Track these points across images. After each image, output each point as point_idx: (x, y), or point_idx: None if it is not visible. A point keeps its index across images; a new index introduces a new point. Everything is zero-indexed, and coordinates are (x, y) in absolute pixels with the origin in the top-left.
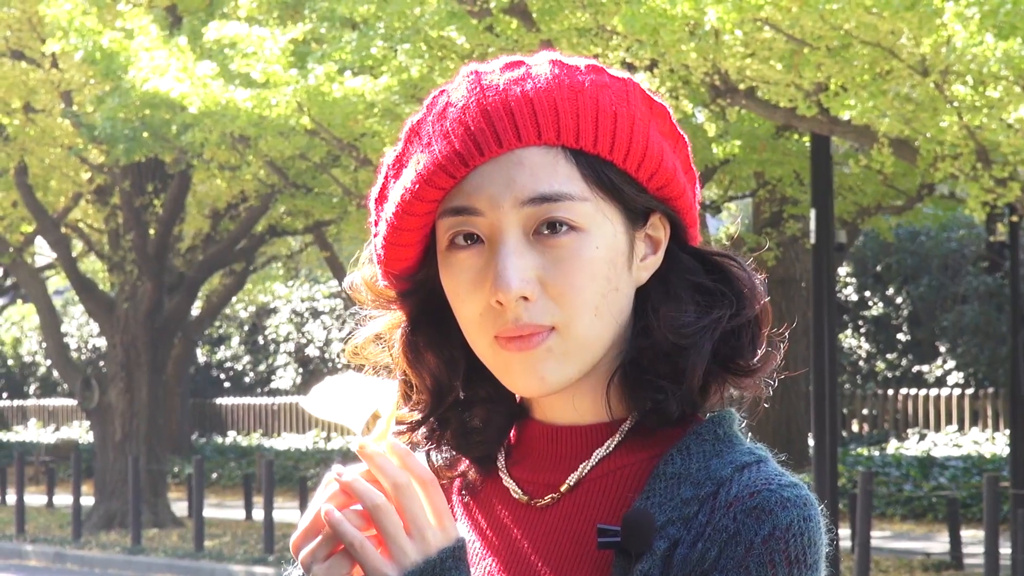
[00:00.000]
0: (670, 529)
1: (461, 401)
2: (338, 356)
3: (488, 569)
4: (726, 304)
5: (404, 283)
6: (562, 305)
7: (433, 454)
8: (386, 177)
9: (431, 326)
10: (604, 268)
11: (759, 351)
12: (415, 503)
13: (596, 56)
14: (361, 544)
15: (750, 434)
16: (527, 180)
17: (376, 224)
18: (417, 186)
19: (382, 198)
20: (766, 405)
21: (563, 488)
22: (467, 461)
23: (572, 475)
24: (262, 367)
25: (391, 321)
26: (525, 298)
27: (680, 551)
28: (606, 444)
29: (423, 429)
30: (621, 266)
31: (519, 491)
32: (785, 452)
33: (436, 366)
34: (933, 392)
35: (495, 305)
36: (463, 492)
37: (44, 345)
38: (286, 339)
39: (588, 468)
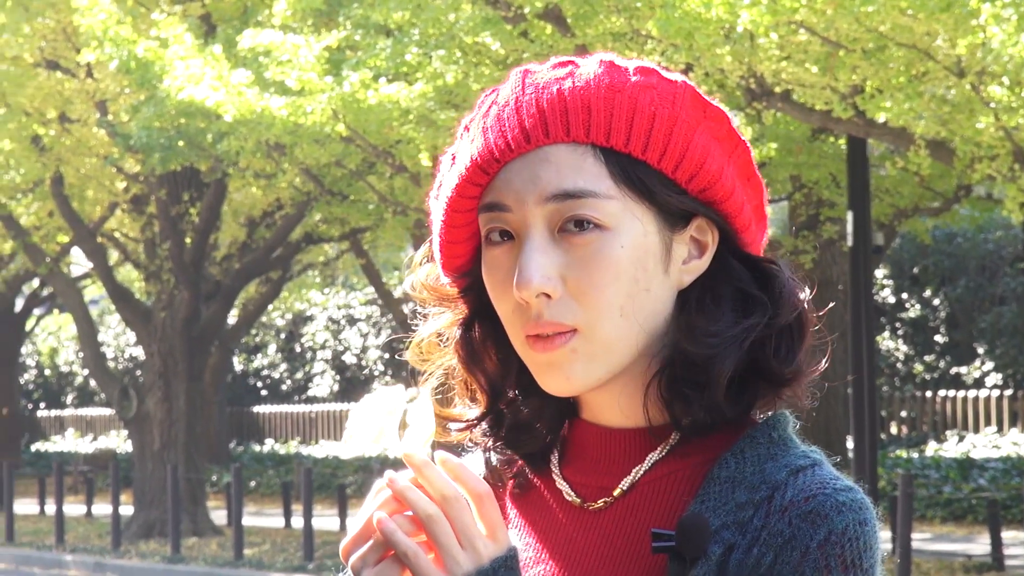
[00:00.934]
0: (725, 534)
1: (515, 399)
2: (375, 363)
3: (545, 572)
4: (762, 312)
5: (460, 280)
6: (584, 304)
7: (492, 454)
8: (441, 175)
9: (486, 323)
10: (630, 268)
11: (795, 359)
12: (465, 515)
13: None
14: (415, 553)
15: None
16: (552, 176)
17: (432, 222)
18: (459, 183)
19: (437, 196)
20: (808, 409)
21: (616, 492)
22: (521, 461)
23: (625, 479)
24: (299, 375)
25: (450, 319)
26: (548, 296)
27: (735, 556)
28: (659, 448)
29: (481, 427)
30: (653, 267)
31: (572, 493)
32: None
33: (491, 364)
34: (972, 394)
35: (521, 302)
36: (517, 492)
37: (81, 355)
38: (323, 346)
39: (641, 472)
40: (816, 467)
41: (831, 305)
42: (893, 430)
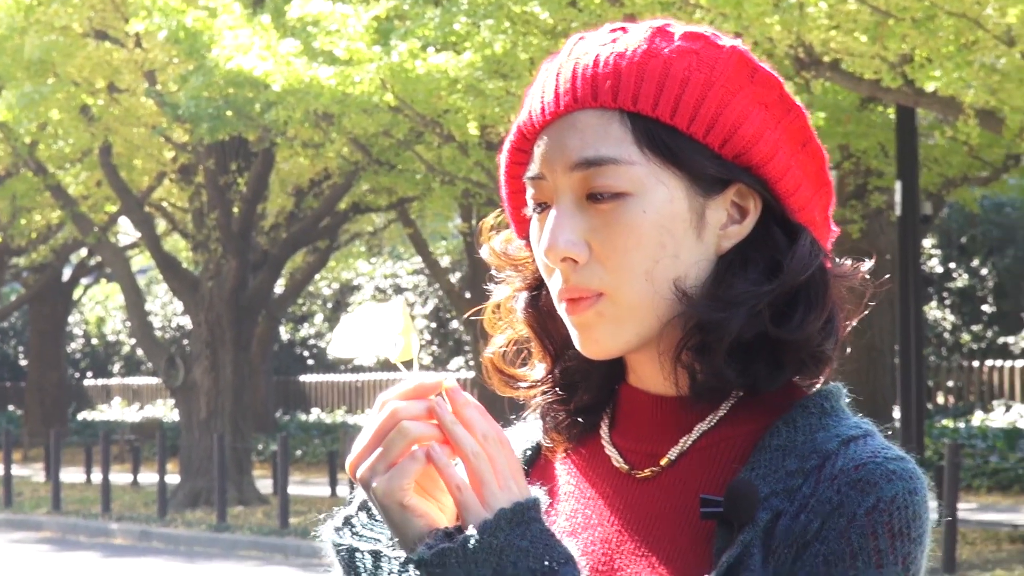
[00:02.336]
0: (774, 501)
1: (570, 362)
2: (422, 332)
3: (591, 538)
4: (782, 280)
5: (529, 245)
6: (609, 269)
7: (548, 418)
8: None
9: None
10: (655, 233)
11: (804, 328)
12: (502, 454)
13: None
14: (465, 487)
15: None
16: (576, 143)
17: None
18: (509, 151)
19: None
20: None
21: (663, 462)
22: (573, 426)
23: (673, 449)
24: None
25: (520, 284)
26: (575, 261)
27: (783, 522)
28: (708, 418)
29: (542, 388)
30: (682, 233)
31: (620, 460)
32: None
33: (553, 327)
34: (1019, 363)
35: (550, 267)
36: (567, 457)
37: (128, 324)
38: None
39: (690, 442)
40: (868, 437)
41: (880, 279)
42: (940, 400)
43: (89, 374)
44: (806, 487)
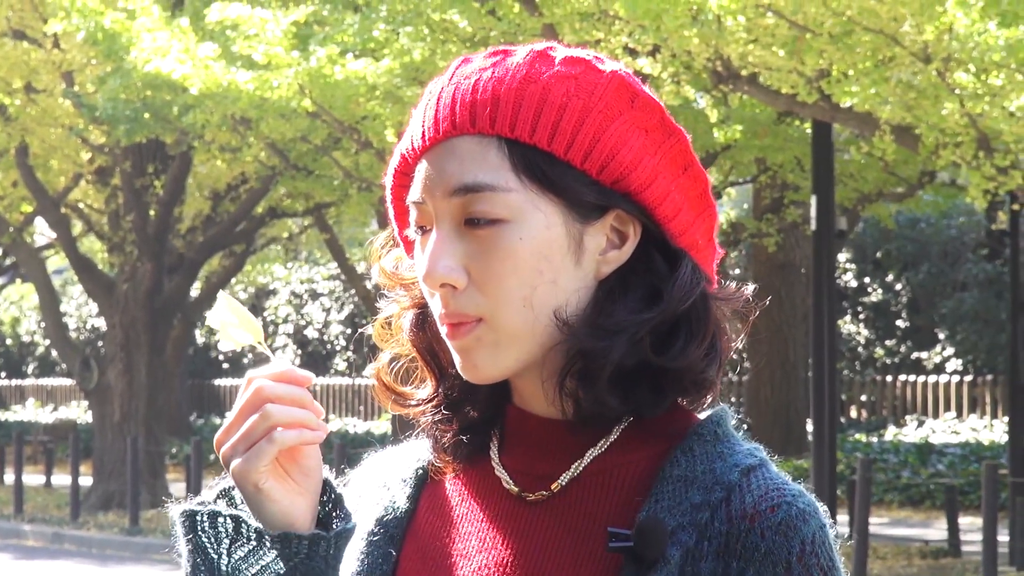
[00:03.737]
0: (681, 535)
1: (455, 383)
2: (337, 338)
3: (484, 562)
4: (662, 306)
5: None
6: (487, 295)
7: (437, 437)
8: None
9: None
10: (532, 260)
11: (686, 356)
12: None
13: (598, 41)
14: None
15: (750, 420)
16: (455, 169)
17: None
18: (393, 174)
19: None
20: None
21: (554, 487)
22: (461, 447)
23: (565, 474)
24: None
25: (408, 303)
26: (453, 286)
27: (705, 565)
28: (600, 443)
29: (428, 408)
30: (560, 259)
31: (510, 482)
32: (784, 438)
33: (438, 348)
34: (932, 379)
35: (429, 292)
36: (456, 478)
37: (43, 325)
38: (285, 320)
39: (582, 467)
40: (763, 467)
41: (761, 301)
42: (853, 414)
43: (3, 374)
44: (717, 522)
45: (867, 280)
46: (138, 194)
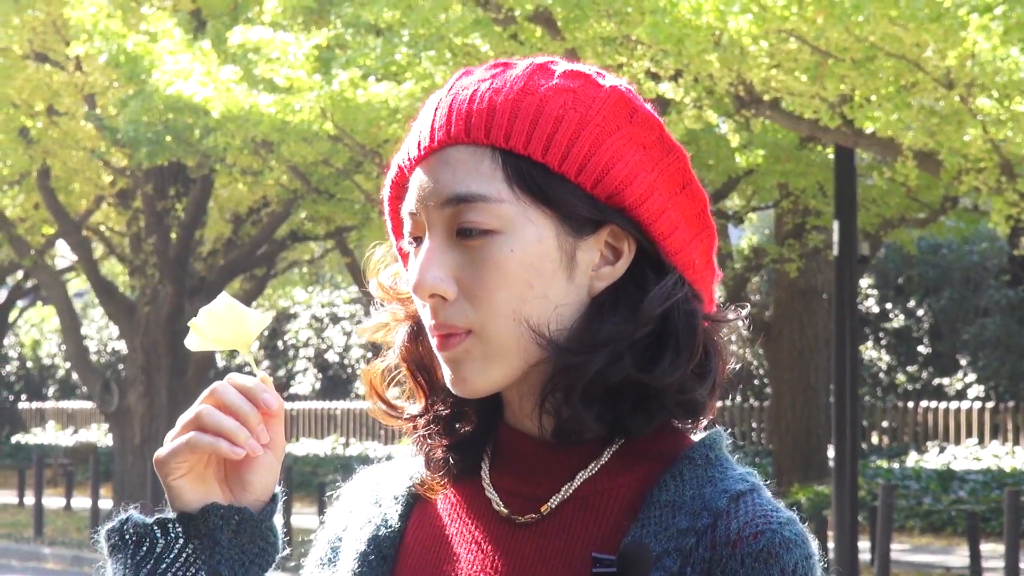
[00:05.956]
0: (666, 561)
1: (447, 398)
2: (357, 362)
3: None
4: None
5: None
6: (476, 307)
7: (429, 455)
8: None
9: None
10: (523, 272)
11: (663, 371)
12: None
13: (620, 65)
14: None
15: (772, 445)
16: (448, 179)
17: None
18: (390, 184)
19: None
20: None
21: (544, 510)
22: (452, 465)
23: (555, 496)
24: (281, 372)
25: (401, 316)
26: (443, 298)
27: None
28: (591, 466)
29: (420, 424)
30: (551, 272)
31: (500, 503)
32: (805, 463)
33: (430, 363)
34: (953, 405)
35: (419, 303)
36: (447, 496)
37: (64, 347)
38: (305, 344)
39: (571, 490)
40: (754, 492)
41: (757, 331)
42: (874, 440)
43: (23, 397)
44: (702, 548)
45: (889, 306)
46: (159, 217)
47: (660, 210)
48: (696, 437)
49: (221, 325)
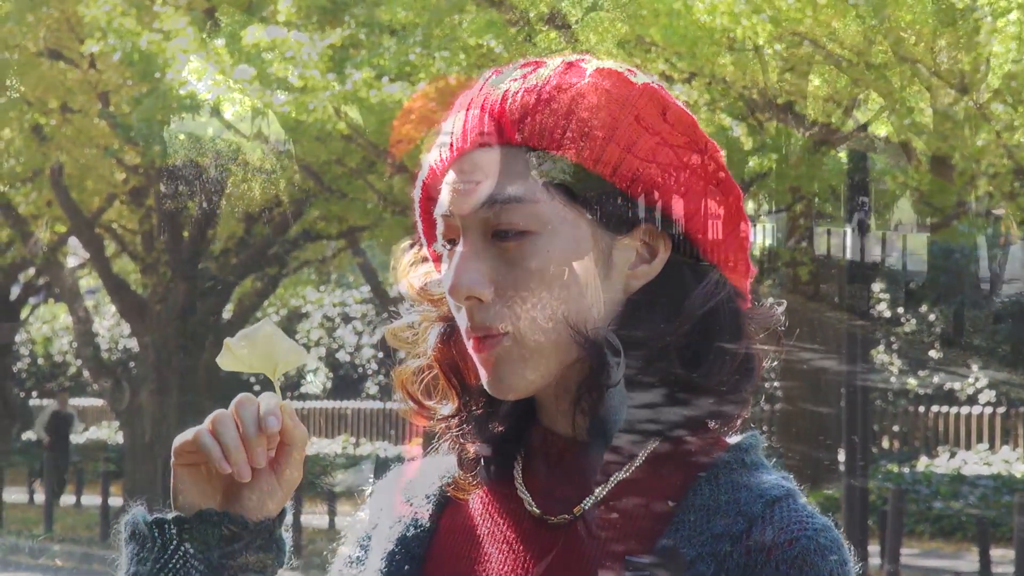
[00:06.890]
0: (700, 566)
1: (481, 400)
2: (369, 362)
3: None
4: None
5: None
6: (513, 308)
7: (461, 456)
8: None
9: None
10: (559, 273)
11: (719, 372)
12: None
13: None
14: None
15: (782, 449)
16: (483, 181)
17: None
18: (421, 187)
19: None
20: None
21: (576, 511)
22: (486, 466)
23: (588, 498)
24: (292, 372)
25: (434, 317)
26: (479, 300)
27: None
28: (625, 467)
29: (453, 425)
30: (587, 273)
31: (532, 504)
32: (815, 468)
33: (463, 365)
34: (964, 410)
35: (455, 306)
36: (480, 497)
37: (75, 345)
38: (317, 344)
39: (605, 492)
40: (790, 498)
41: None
42: (885, 444)
43: (34, 394)
44: (736, 554)
45: (901, 310)
46: (172, 215)
47: (695, 207)
48: (732, 440)
49: (256, 350)
